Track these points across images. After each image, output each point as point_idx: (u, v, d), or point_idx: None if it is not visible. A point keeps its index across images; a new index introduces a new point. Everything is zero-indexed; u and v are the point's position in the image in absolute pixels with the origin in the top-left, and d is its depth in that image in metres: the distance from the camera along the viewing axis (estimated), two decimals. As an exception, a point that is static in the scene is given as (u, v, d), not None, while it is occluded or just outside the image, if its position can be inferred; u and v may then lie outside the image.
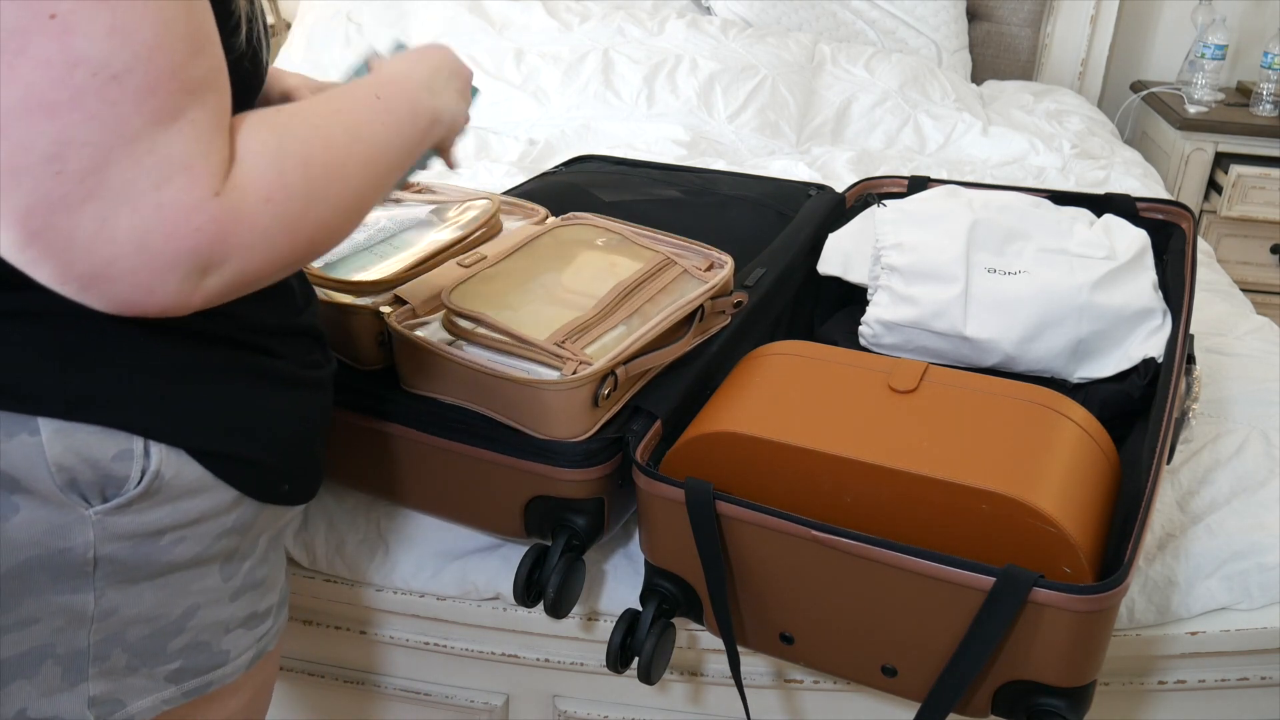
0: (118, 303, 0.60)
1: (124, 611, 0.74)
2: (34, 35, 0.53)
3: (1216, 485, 1.19)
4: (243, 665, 0.85)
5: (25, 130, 0.54)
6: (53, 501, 0.68)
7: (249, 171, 0.63)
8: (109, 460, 0.69)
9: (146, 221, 0.58)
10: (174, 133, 0.59)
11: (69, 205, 0.56)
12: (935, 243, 1.23)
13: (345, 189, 0.70)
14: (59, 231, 0.57)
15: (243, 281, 0.65)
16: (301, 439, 0.83)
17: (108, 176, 0.56)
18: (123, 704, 0.77)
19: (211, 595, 0.80)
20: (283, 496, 0.82)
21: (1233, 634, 1.07)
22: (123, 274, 0.59)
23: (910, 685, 0.93)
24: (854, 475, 0.90)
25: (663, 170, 1.62)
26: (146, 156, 0.58)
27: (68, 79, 0.54)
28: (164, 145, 0.58)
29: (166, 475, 0.72)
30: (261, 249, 0.64)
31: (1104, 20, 2.93)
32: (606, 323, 1.04)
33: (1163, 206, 1.37)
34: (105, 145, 0.56)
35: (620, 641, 0.99)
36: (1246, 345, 1.49)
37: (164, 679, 0.79)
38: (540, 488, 1.01)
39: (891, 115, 2.42)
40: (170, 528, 0.74)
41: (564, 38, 2.51)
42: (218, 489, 0.76)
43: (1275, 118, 2.74)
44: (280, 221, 0.65)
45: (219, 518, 0.77)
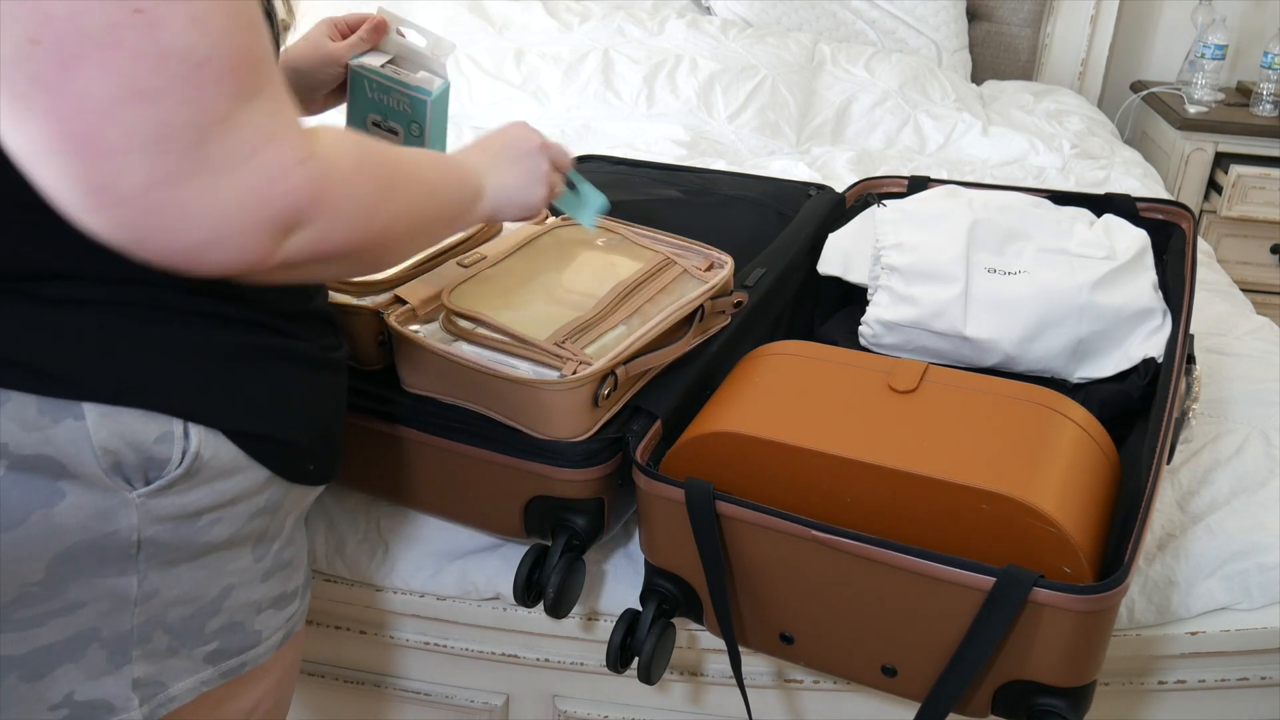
0: (220, 266, 0.65)
1: (165, 593, 0.76)
2: (124, 30, 0.57)
3: (1216, 485, 1.19)
4: (274, 645, 0.87)
5: (131, 116, 0.58)
6: (98, 485, 0.70)
7: (334, 149, 0.69)
8: (151, 443, 0.71)
9: (247, 186, 0.63)
10: (255, 108, 0.64)
11: (180, 180, 0.61)
12: (935, 243, 1.23)
13: (404, 205, 0.77)
14: (173, 205, 0.61)
15: (318, 249, 0.69)
16: (324, 418, 0.86)
17: (208, 151, 0.61)
18: (164, 685, 0.79)
19: (244, 576, 0.82)
20: (308, 476, 0.84)
21: (1233, 634, 1.07)
22: (227, 238, 0.63)
23: (910, 685, 0.93)
24: (854, 475, 0.90)
25: (663, 170, 1.62)
26: (238, 131, 0.63)
27: (161, 68, 0.59)
28: (249, 120, 0.63)
29: (205, 456, 0.74)
30: (343, 218, 0.69)
31: (1104, 20, 2.93)
32: (606, 323, 1.04)
33: (1163, 206, 1.37)
34: (201, 125, 0.61)
35: (620, 641, 0.99)
36: (1246, 345, 1.49)
37: (202, 660, 0.81)
38: (540, 488, 1.01)
39: (891, 115, 2.42)
40: (208, 509, 0.76)
41: (564, 38, 2.51)
42: (251, 469, 0.78)
43: (1275, 118, 2.74)
44: (360, 199, 0.71)
45: (252, 498, 0.79)
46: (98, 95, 0.58)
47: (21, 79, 0.57)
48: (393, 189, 0.75)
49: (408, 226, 0.78)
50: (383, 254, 0.77)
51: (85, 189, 0.59)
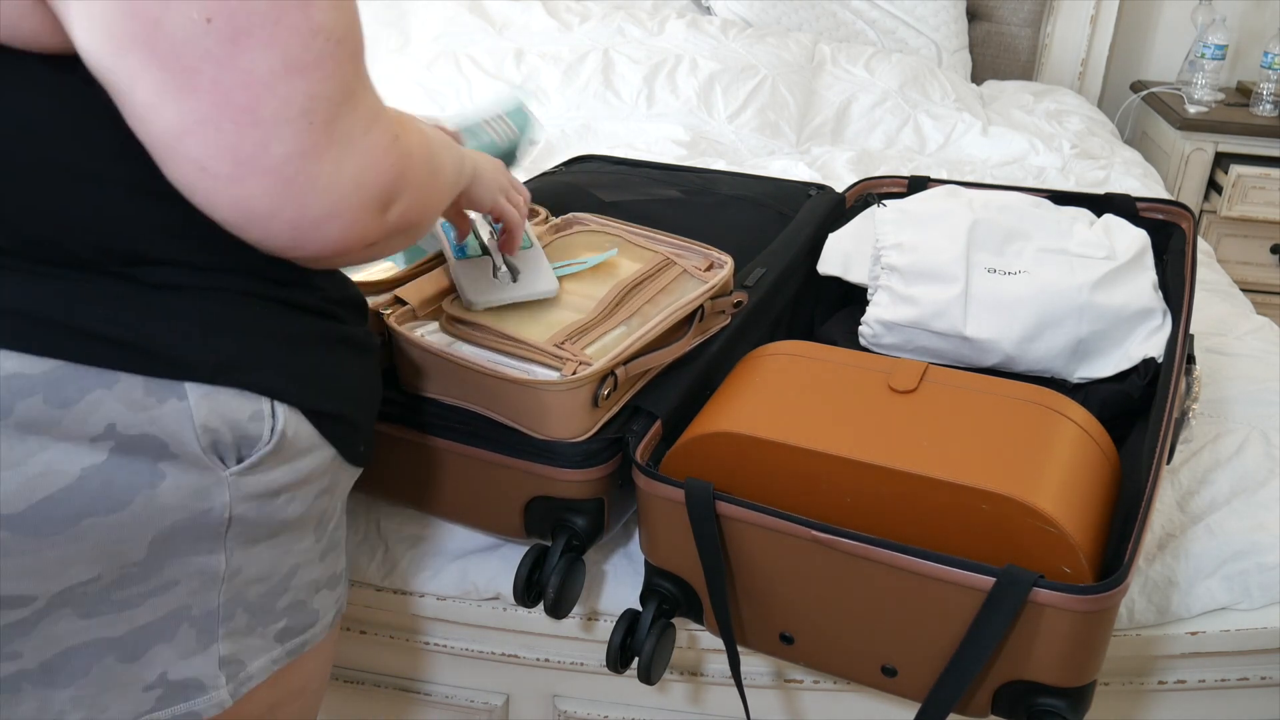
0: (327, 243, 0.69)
1: (246, 571, 0.77)
2: (286, 8, 0.62)
3: (1216, 485, 1.19)
4: (328, 624, 0.88)
5: (287, 88, 0.63)
6: (196, 464, 0.71)
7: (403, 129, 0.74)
8: (246, 420, 0.73)
9: (364, 161, 0.68)
10: (365, 88, 0.69)
11: (317, 152, 0.65)
12: (935, 243, 1.23)
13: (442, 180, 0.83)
14: (307, 177, 0.65)
15: (405, 221, 0.74)
16: (374, 400, 0.88)
17: (339, 126, 0.66)
18: (244, 664, 0.80)
19: (308, 555, 0.83)
20: (360, 457, 0.86)
21: (1233, 634, 1.07)
22: (345, 211, 0.68)
23: (910, 685, 0.93)
24: (854, 475, 0.90)
25: (663, 170, 1.62)
26: (358, 108, 0.67)
27: (312, 44, 0.63)
28: (364, 99, 0.68)
29: (289, 434, 0.75)
30: (421, 191, 0.75)
31: (1104, 20, 2.93)
32: (607, 324, 1.04)
33: (1163, 206, 1.37)
34: (336, 99, 0.65)
35: (620, 641, 0.99)
36: (1246, 345, 1.49)
37: (273, 638, 0.82)
38: (540, 488, 1.01)
39: (891, 115, 2.42)
40: (286, 487, 0.77)
41: (564, 38, 2.51)
42: (321, 449, 0.79)
43: (1275, 118, 2.74)
44: (426, 173, 0.76)
45: (321, 478, 0.80)
46: (261, 68, 0.62)
47: (192, 54, 0.60)
48: (435, 164, 0.80)
49: (442, 197, 0.85)
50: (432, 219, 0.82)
51: (236, 158, 0.63)
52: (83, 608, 0.70)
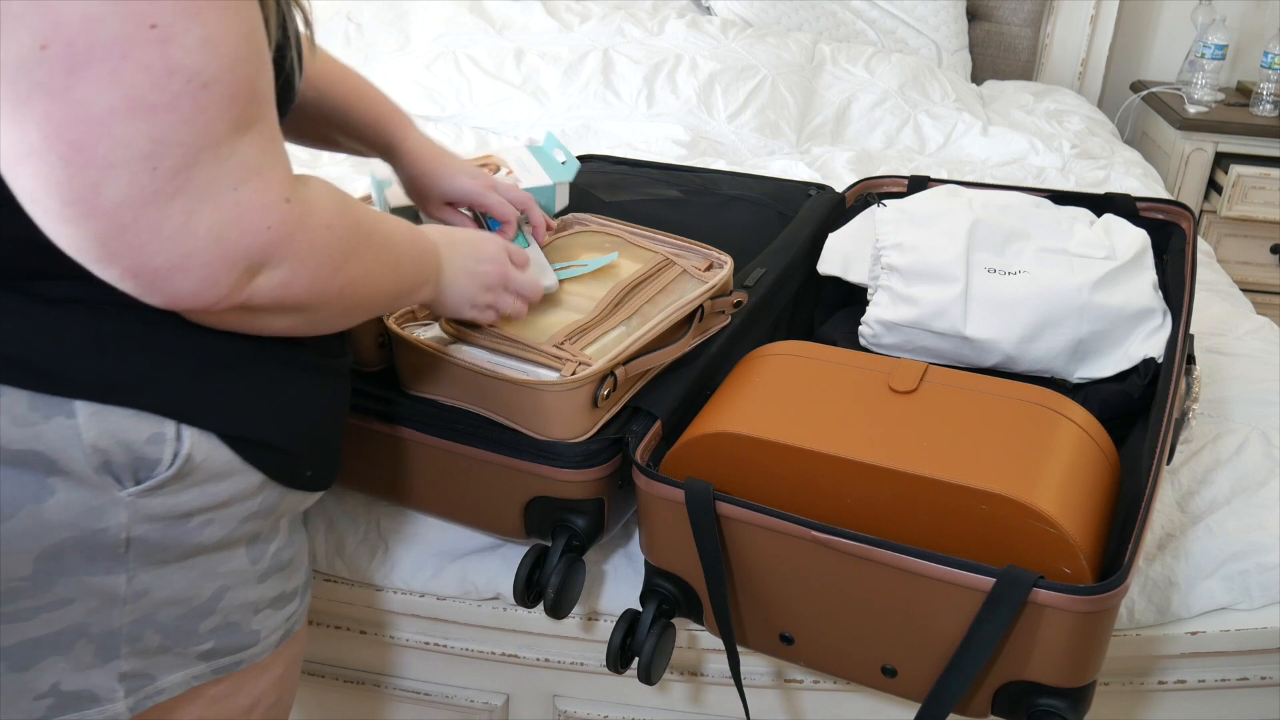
0: (178, 297, 0.65)
1: (155, 593, 0.76)
2: (137, 42, 0.58)
3: (1216, 485, 1.19)
4: (272, 644, 0.87)
5: (126, 129, 0.58)
6: (88, 483, 0.70)
7: (316, 197, 0.71)
8: (142, 443, 0.71)
9: (226, 217, 0.63)
10: (248, 140, 0.64)
11: (160, 200, 0.61)
12: (935, 243, 1.23)
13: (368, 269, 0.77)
14: (146, 224, 0.61)
15: (282, 294, 0.69)
16: (323, 425, 0.86)
17: (194, 175, 0.62)
18: (153, 678, 0.79)
19: (239, 577, 0.82)
20: (305, 482, 0.84)
21: (1232, 634, 1.07)
22: (196, 267, 0.63)
23: (910, 685, 0.93)
24: (854, 476, 0.90)
25: (663, 170, 1.62)
26: (228, 159, 0.63)
27: (166, 84, 0.59)
28: (241, 150, 0.64)
29: (197, 459, 0.74)
30: (311, 266, 0.70)
31: (1104, 20, 2.93)
32: (606, 324, 1.04)
33: (1163, 206, 1.37)
34: (195, 146, 0.61)
35: (620, 641, 0.99)
36: (1246, 345, 1.49)
37: (195, 657, 0.81)
38: (540, 488, 1.01)
39: (891, 115, 2.42)
40: (199, 510, 0.76)
41: (564, 38, 2.51)
42: (245, 473, 0.78)
43: (1275, 118, 2.74)
44: (330, 252, 0.72)
45: (245, 501, 0.79)
46: (98, 105, 0.58)
47: (24, 83, 0.57)
48: (361, 250, 0.76)
49: (367, 292, 0.78)
50: (338, 314, 0.77)
51: (65, 198, 0.59)
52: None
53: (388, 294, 0.83)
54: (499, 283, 0.96)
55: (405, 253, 0.84)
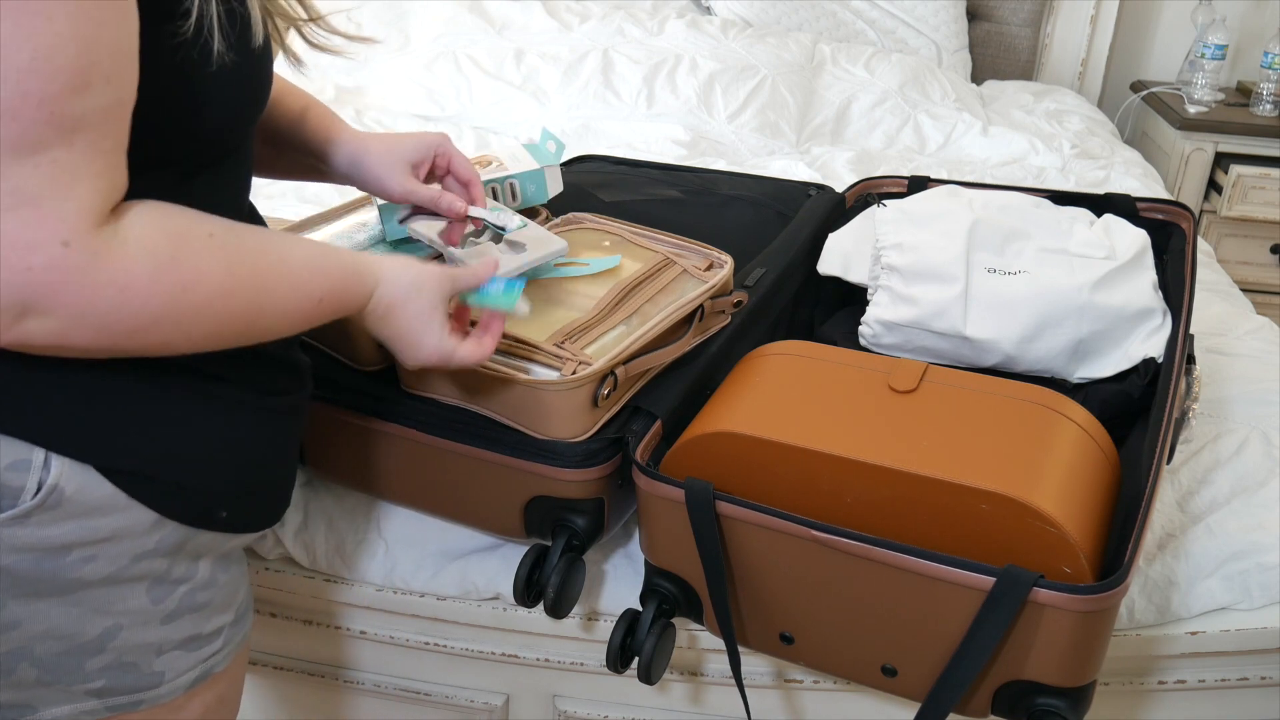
0: None
1: (30, 626, 0.72)
2: None
3: (1216, 485, 1.19)
4: (182, 686, 0.83)
5: None
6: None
7: (118, 252, 0.61)
8: (2, 469, 0.68)
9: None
10: (30, 165, 0.57)
11: None
12: (935, 243, 1.23)
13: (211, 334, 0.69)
14: None
15: (62, 344, 0.62)
16: (242, 466, 0.81)
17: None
18: (33, 709, 0.75)
19: (137, 618, 0.78)
20: (220, 523, 0.80)
21: (1232, 634, 1.07)
22: None
23: (910, 685, 0.93)
24: (854, 475, 0.90)
25: (663, 170, 1.62)
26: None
27: None
28: (16, 174, 0.56)
29: (68, 490, 0.70)
30: (91, 325, 0.62)
31: (1104, 20, 2.93)
32: (606, 323, 1.04)
33: (1163, 206, 1.37)
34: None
35: (620, 641, 0.99)
36: (1246, 345, 1.49)
37: (85, 694, 0.77)
38: (540, 488, 1.01)
39: (891, 115, 2.42)
40: (77, 544, 0.72)
41: (564, 38, 2.51)
42: (133, 509, 0.74)
43: (1275, 118, 2.74)
44: (120, 316, 0.63)
45: (137, 538, 0.75)
46: None
47: None
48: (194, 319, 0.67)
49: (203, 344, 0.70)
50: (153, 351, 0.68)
51: None
52: None
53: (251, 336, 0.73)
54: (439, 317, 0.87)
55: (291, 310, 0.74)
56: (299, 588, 1.15)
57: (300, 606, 1.18)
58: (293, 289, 0.74)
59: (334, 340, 1.08)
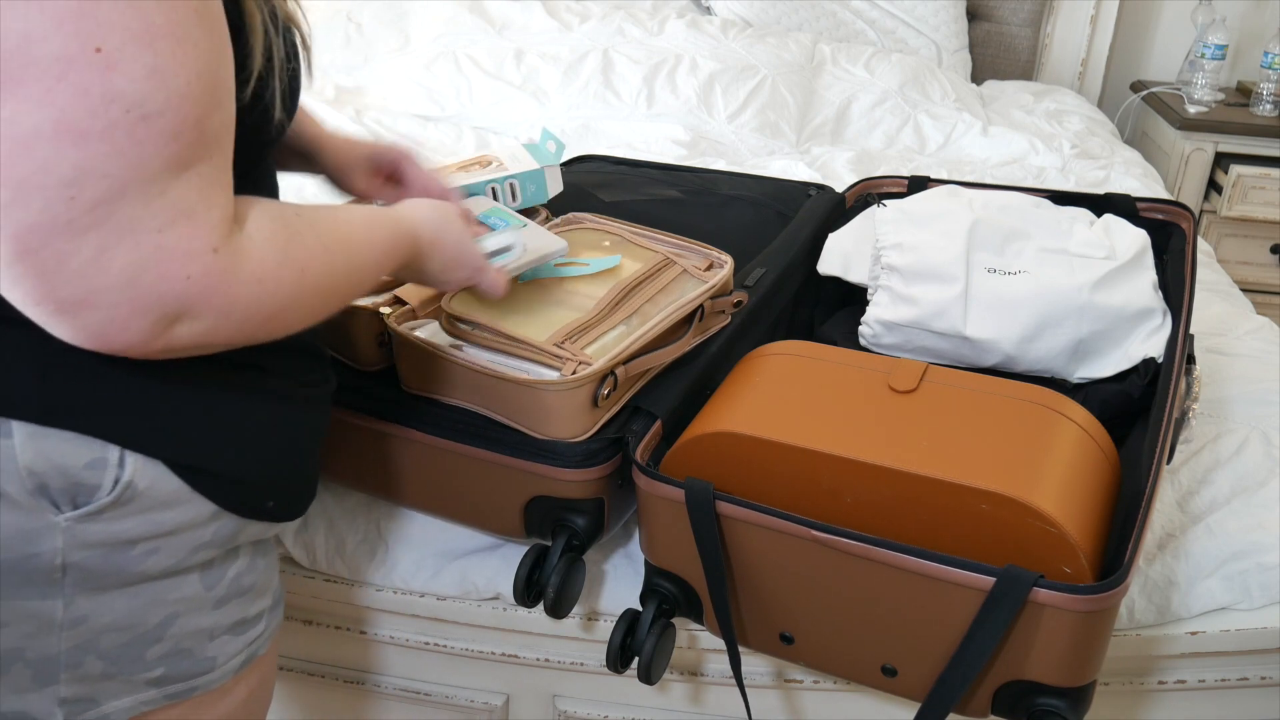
0: (86, 334, 0.62)
1: (95, 619, 0.74)
2: (77, 65, 0.55)
3: (1216, 485, 1.19)
4: (231, 670, 0.85)
5: (50, 153, 0.56)
6: (21, 506, 0.68)
7: (251, 249, 0.66)
8: (80, 468, 0.69)
9: (144, 259, 0.60)
10: (184, 180, 0.61)
11: (73, 231, 0.58)
12: (935, 243, 1.23)
13: (322, 307, 0.75)
14: (54, 253, 0.58)
15: (206, 342, 0.66)
16: (290, 456, 0.83)
17: (116, 210, 0.58)
18: (96, 703, 0.77)
19: (192, 604, 0.79)
20: (267, 513, 0.82)
21: (1232, 634, 1.07)
22: (104, 305, 0.60)
23: (910, 685, 0.93)
24: (854, 475, 0.90)
25: (663, 170, 1.62)
26: (157, 198, 0.60)
27: (102, 112, 0.57)
28: (174, 190, 0.60)
29: (140, 486, 0.72)
30: (235, 321, 0.66)
31: (1104, 20, 2.93)
32: (606, 323, 1.04)
33: (1163, 206, 1.37)
34: (123, 180, 0.58)
35: (620, 641, 0.99)
36: (1246, 345, 1.49)
37: (145, 684, 0.79)
38: (540, 488, 1.01)
39: (891, 115, 2.42)
40: (143, 538, 0.73)
41: (564, 38, 2.51)
42: (195, 502, 0.75)
43: (1275, 118, 2.74)
44: (259, 307, 0.67)
45: (195, 530, 0.76)
46: (26, 124, 0.56)
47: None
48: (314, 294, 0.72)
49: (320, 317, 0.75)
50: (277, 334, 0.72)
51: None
52: None
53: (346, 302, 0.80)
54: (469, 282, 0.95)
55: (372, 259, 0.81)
56: (299, 588, 1.15)
57: (300, 607, 1.18)
58: (369, 249, 0.80)
59: (335, 341, 1.08)
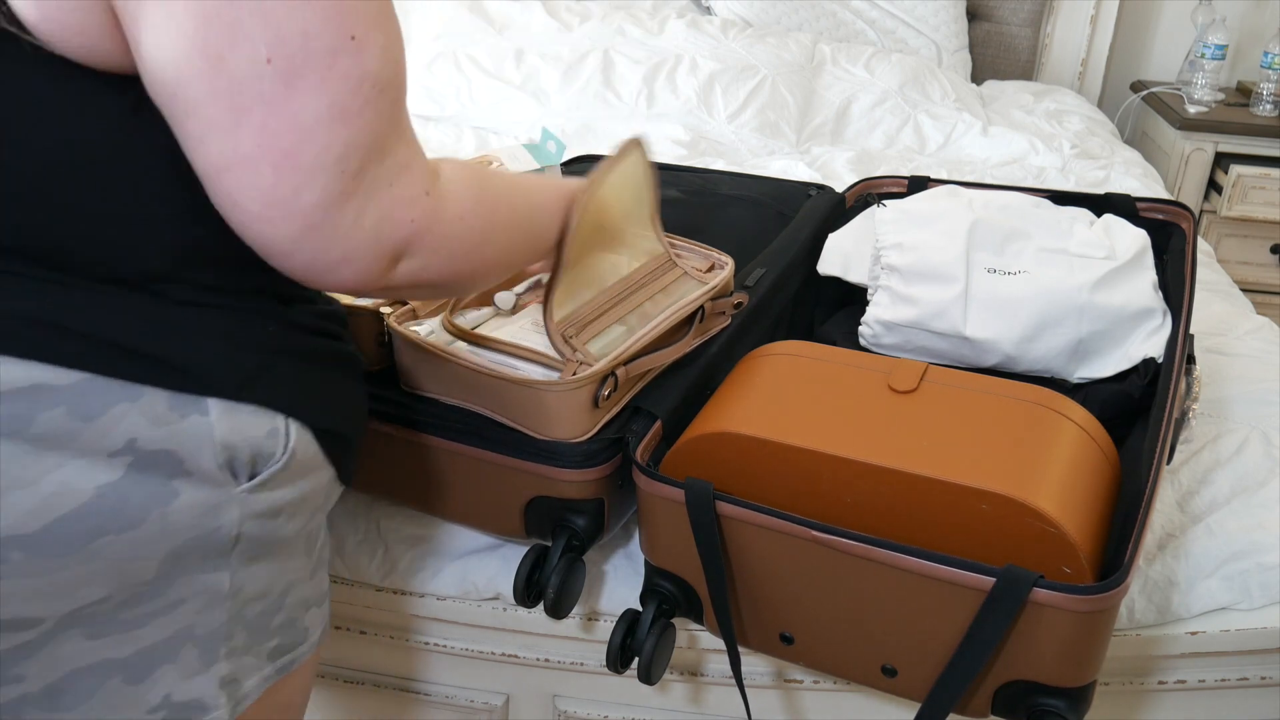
0: (339, 283, 0.70)
1: (247, 589, 0.77)
2: (341, 53, 0.62)
3: (1216, 485, 1.19)
4: (316, 641, 0.87)
5: (328, 135, 0.63)
6: (210, 481, 0.70)
7: (452, 190, 0.73)
8: (263, 437, 0.73)
9: (384, 211, 0.68)
10: (399, 137, 0.68)
11: (344, 199, 0.65)
12: (935, 243, 1.23)
13: (508, 247, 0.82)
14: (331, 223, 0.65)
15: (417, 279, 0.73)
16: (364, 418, 0.88)
17: (365, 175, 0.66)
18: (240, 683, 0.79)
19: (300, 573, 0.82)
20: (349, 476, 0.85)
21: (1233, 634, 1.07)
22: (358, 258, 0.68)
23: (910, 685, 0.93)
24: (854, 475, 0.90)
25: (663, 170, 1.62)
26: (387, 158, 0.67)
27: (359, 91, 0.63)
28: (395, 148, 0.68)
29: (300, 454, 0.76)
30: (444, 256, 0.74)
31: (1104, 20, 2.93)
32: (608, 316, 1.03)
33: (1163, 206, 1.37)
34: (368, 148, 0.65)
35: (620, 641, 0.99)
36: (1246, 345, 1.49)
37: (265, 656, 0.81)
38: (540, 488, 1.01)
39: (891, 115, 2.42)
40: (286, 507, 0.76)
41: (564, 38, 2.51)
42: (322, 469, 0.80)
43: (1275, 118, 2.74)
44: (463, 241, 0.75)
45: (318, 498, 0.81)
46: (309, 114, 0.62)
47: (248, 95, 0.60)
48: (495, 235, 0.79)
49: (501, 265, 0.82)
50: (470, 287, 0.81)
51: (268, 200, 0.63)
52: (91, 628, 0.69)
53: (522, 260, 0.87)
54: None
55: (544, 221, 0.88)
56: (299, 588, 1.15)
57: (300, 606, 1.18)
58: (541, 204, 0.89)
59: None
